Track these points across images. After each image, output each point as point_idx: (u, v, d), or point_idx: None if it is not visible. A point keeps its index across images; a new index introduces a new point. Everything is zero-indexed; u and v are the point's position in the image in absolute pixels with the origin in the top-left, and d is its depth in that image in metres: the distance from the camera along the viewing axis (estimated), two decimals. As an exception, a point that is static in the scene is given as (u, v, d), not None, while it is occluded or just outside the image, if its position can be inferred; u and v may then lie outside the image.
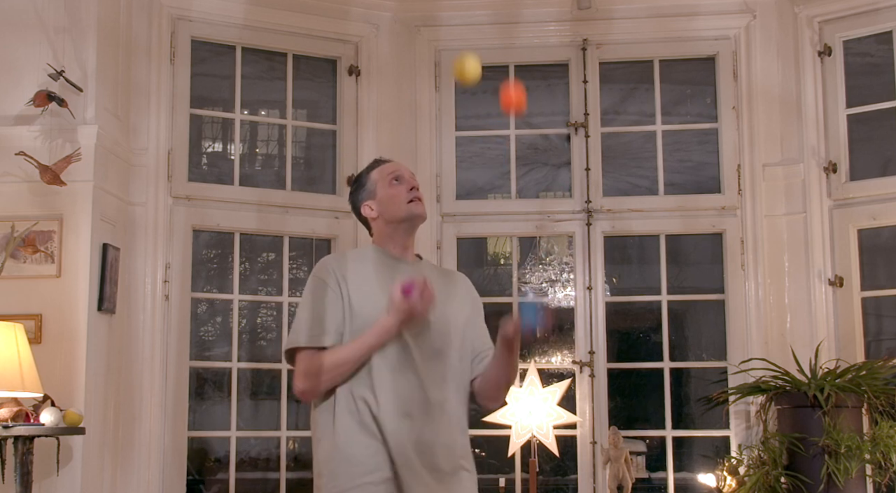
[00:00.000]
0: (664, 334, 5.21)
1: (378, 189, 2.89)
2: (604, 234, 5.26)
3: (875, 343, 4.99)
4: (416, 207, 2.86)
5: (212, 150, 5.54)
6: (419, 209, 2.87)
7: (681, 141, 5.45)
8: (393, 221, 2.87)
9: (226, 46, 5.19)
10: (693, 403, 5.34)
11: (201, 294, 5.15)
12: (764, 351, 4.94)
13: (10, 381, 3.81)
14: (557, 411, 4.86)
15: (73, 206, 4.34)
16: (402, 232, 2.88)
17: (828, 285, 4.98)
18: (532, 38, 5.42)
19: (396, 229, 2.87)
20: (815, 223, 5.03)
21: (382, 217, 2.88)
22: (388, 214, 2.87)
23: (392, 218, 2.87)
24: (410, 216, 2.86)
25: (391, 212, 2.86)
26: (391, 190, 2.87)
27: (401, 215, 2.86)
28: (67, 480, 4.18)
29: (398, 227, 2.87)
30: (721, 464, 4.82)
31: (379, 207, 2.88)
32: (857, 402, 4.53)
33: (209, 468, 5.25)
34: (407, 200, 2.86)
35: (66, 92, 4.33)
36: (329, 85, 5.37)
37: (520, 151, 5.42)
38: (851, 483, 4.40)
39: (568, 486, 5.30)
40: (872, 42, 5.13)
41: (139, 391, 4.71)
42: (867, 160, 5.09)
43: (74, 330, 4.26)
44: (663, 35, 5.33)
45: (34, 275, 4.29)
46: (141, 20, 4.89)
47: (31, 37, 4.43)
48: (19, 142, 4.32)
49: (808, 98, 5.12)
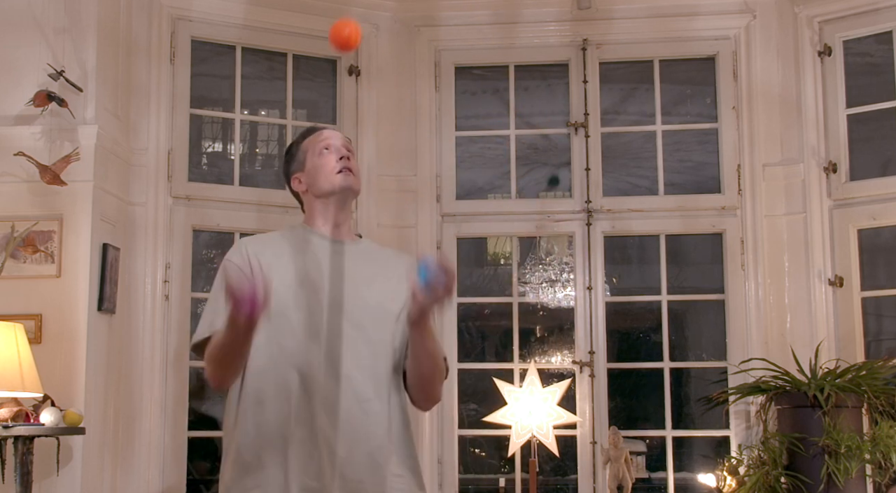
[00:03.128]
0: (664, 334, 5.21)
1: (307, 159, 2.59)
2: (604, 234, 5.26)
3: (875, 343, 4.99)
4: (345, 178, 2.54)
5: (212, 150, 5.54)
6: (348, 181, 2.55)
7: (681, 141, 5.44)
8: (321, 194, 2.56)
9: (226, 46, 5.18)
10: (693, 403, 5.34)
11: (201, 294, 5.14)
12: (764, 351, 4.94)
13: (10, 381, 3.81)
14: (557, 411, 4.86)
15: (73, 206, 4.33)
16: (331, 207, 2.57)
17: (828, 285, 4.98)
18: (532, 38, 5.41)
19: (325, 204, 2.57)
20: (815, 223, 5.03)
21: (311, 190, 2.58)
22: (315, 187, 2.57)
23: (320, 191, 2.56)
24: (338, 188, 2.55)
25: (318, 184, 2.56)
26: (320, 160, 2.57)
27: (327, 188, 2.55)
28: (67, 480, 4.18)
29: (327, 201, 2.56)
30: (721, 464, 4.82)
31: (307, 178, 2.58)
32: (857, 402, 4.53)
33: (209, 468, 5.25)
34: (336, 170, 2.55)
35: (66, 92, 4.33)
36: (329, 85, 5.37)
37: (520, 151, 5.42)
38: (851, 483, 4.40)
39: (568, 486, 5.30)
40: (872, 42, 5.13)
41: (139, 391, 4.70)
42: (867, 160, 5.09)
43: (74, 330, 4.26)
44: (663, 35, 5.33)
45: (34, 275, 4.29)
46: (141, 20, 4.88)
47: (31, 37, 4.43)
48: (19, 142, 4.31)
49: (808, 98, 5.12)
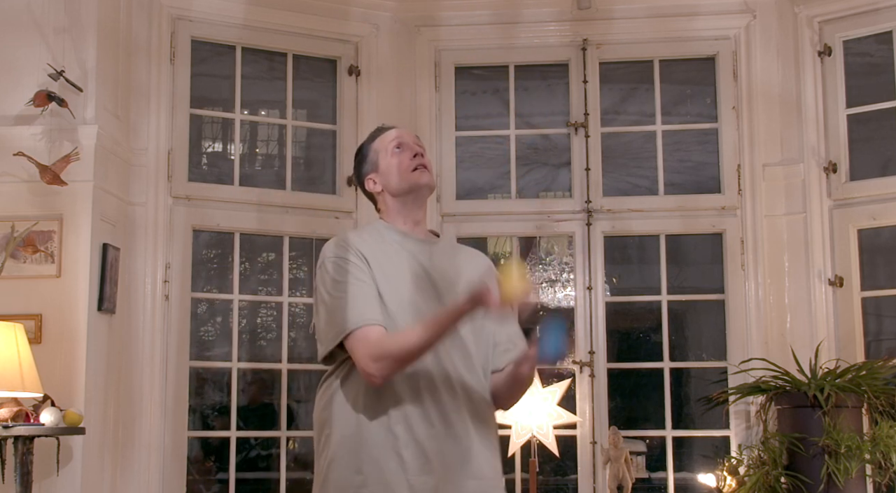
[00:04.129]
0: (664, 334, 5.20)
1: (380, 160, 2.59)
2: (604, 234, 5.26)
3: (875, 343, 4.99)
4: (420, 175, 2.55)
5: (212, 150, 5.54)
6: (425, 178, 2.56)
7: (681, 141, 5.44)
8: (398, 193, 2.56)
9: (226, 46, 5.18)
10: (693, 403, 5.33)
11: (201, 294, 5.15)
12: (764, 351, 4.94)
13: (10, 381, 3.81)
14: (557, 411, 4.86)
15: (73, 206, 4.33)
16: (410, 205, 2.56)
17: (828, 285, 4.98)
18: (532, 38, 5.41)
19: (404, 202, 2.56)
20: (815, 223, 5.03)
21: (387, 190, 2.58)
22: (391, 187, 2.56)
23: (397, 190, 2.56)
24: (416, 186, 2.55)
25: (395, 183, 2.56)
26: (393, 159, 2.57)
27: (405, 186, 2.55)
28: (67, 480, 4.17)
29: (405, 199, 2.56)
30: (721, 464, 4.81)
31: (382, 179, 2.58)
32: (857, 402, 4.53)
33: (209, 468, 5.25)
34: (411, 168, 2.55)
35: (66, 92, 4.33)
36: (329, 85, 5.37)
37: (520, 151, 5.42)
38: (851, 483, 4.40)
39: (568, 486, 5.30)
40: (872, 42, 5.13)
41: (139, 391, 4.70)
42: (867, 160, 5.09)
43: (74, 330, 4.26)
44: (663, 35, 5.33)
45: (34, 275, 4.29)
46: (141, 20, 4.88)
47: (31, 37, 4.43)
48: (19, 142, 4.31)
49: (808, 98, 5.12)
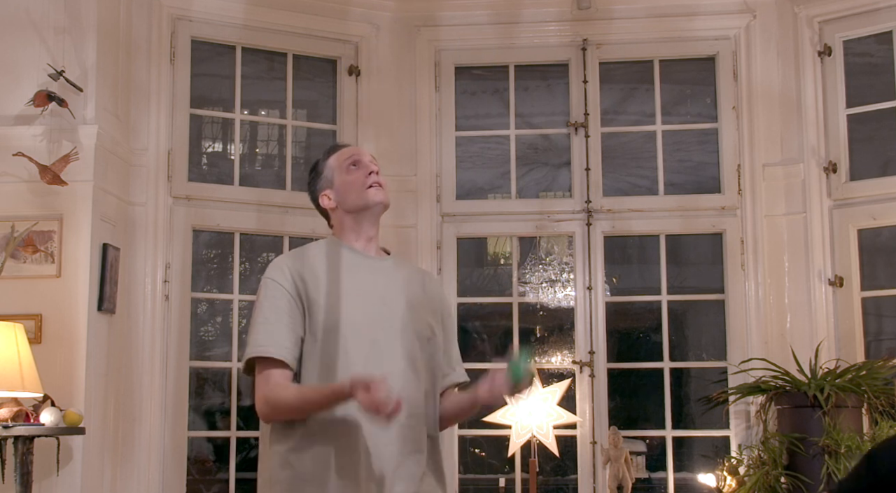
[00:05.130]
0: (664, 334, 5.21)
1: (335, 176, 2.64)
2: (604, 234, 5.26)
3: (875, 343, 4.99)
4: (375, 193, 2.60)
5: (212, 150, 5.54)
6: (380, 196, 2.61)
7: (681, 141, 5.44)
8: (353, 210, 2.61)
9: (226, 46, 5.18)
10: (693, 403, 5.33)
11: (201, 294, 5.15)
12: (764, 351, 4.94)
13: (10, 381, 3.81)
14: (557, 411, 4.86)
15: (73, 206, 4.33)
16: (364, 222, 2.62)
17: (828, 285, 4.98)
18: (532, 38, 5.41)
19: (357, 220, 2.62)
20: (815, 223, 5.03)
21: (341, 207, 2.63)
22: (346, 203, 2.62)
23: (351, 207, 2.61)
24: (371, 203, 2.60)
25: (350, 200, 2.61)
26: (348, 176, 2.62)
27: (360, 203, 2.60)
28: (67, 480, 4.18)
29: (359, 217, 2.61)
30: (721, 464, 4.81)
31: (337, 195, 2.63)
32: (857, 402, 4.53)
33: (209, 468, 5.25)
34: (366, 185, 2.60)
35: (66, 92, 4.33)
36: (329, 85, 5.37)
37: (520, 151, 5.42)
38: (851, 483, 4.40)
39: (568, 486, 5.29)
40: (872, 42, 5.13)
41: (139, 391, 4.70)
42: (867, 160, 5.09)
43: (74, 330, 4.26)
44: (663, 35, 5.33)
45: (34, 275, 4.29)
46: (141, 20, 4.88)
47: (31, 37, 4.43)
48: (19, 142, 4.31)
49: (808, 98, 5.12)
